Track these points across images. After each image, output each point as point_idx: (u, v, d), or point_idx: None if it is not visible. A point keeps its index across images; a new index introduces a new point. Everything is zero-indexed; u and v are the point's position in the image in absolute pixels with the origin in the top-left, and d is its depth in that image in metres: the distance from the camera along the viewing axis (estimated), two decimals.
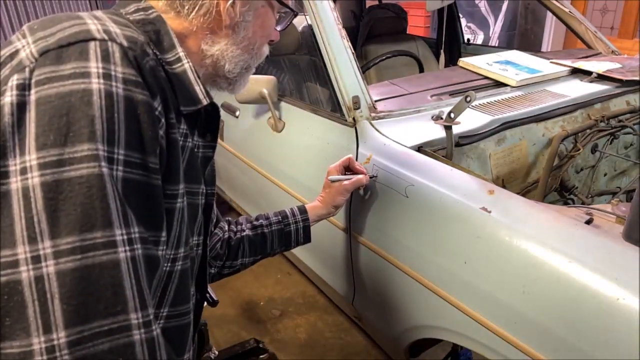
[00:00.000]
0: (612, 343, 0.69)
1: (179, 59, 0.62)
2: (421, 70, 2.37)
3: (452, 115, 1.11)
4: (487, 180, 1.00)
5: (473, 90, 1.29)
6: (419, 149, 1.15)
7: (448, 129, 1.12)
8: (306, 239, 1.13)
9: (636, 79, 1.57)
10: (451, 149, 1.13)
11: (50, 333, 0.44)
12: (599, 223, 0.91)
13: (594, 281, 0.72)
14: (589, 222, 0.90)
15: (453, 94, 1.43)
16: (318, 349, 1.74)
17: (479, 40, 4.69)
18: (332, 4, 1.36)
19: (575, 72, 1.69)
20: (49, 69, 0.49)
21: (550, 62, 1.74)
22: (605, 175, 1.51)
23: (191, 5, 0.64)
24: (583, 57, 1.86)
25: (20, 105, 0.47)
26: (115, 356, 0.46)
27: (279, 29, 0.77)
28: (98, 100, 0.48)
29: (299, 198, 1.46)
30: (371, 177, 1.13)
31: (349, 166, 1.14)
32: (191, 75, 0.62)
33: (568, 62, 1.73)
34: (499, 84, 1.54)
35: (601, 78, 1.62)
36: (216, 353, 1.07)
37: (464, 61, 1.69)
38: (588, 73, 1.66)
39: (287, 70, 1.79)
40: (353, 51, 1.32)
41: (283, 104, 1.59)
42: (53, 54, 0.49)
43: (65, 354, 0.44)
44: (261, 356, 1.58)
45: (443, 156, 1.12)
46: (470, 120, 1.23)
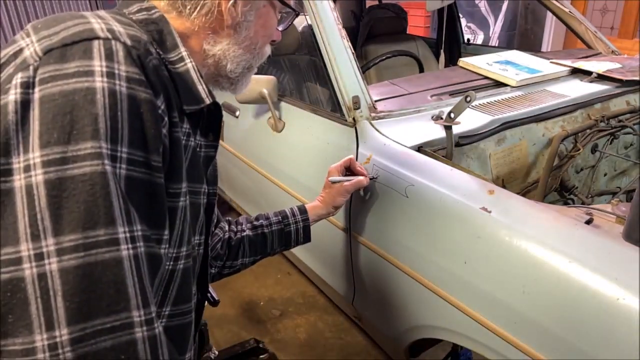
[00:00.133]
0: (612, 343, 0.69)
1: (182, 59, 0.62)
2: (421, 70, 2.37)
3: (452, 115, 1.11)
4: (487, 180, 1.00)
5: (473, 90, 1.29)
6: (419, 149, 1.15)
7: (448, 129, 1.12)
8: (306, 238, 1.13)
9: (636, 79, 1.57)
10: (451, 149, 1.13)
11: (53, 330, 0.44)
12: (599, 223, 0.91)
13: (594, 281, 0.72)
14: (589, 222, 0.90)
15: (453, 94, 1.43)
16: (318, 349, 1.74)
17: (479, 40, 4.69)
18: (332, 4, 1.36)
19: (575, 72, 1.69)
20: (53, 67, 0.49)
21: (550, 62, 1.74)
22: (605, 175, 1.51)
23: (193, 5, 0.64)
24: (583, 57, 1.86)
25: (24, 104, 0.47)
26: (118, 353, 0.46)
27: (280, 28, 0.77)
28: (101, 98, 0.48)
29: (299, 198, 1.46)
30: (372, 179, 1.13)
31: (349, 167, 1.14)
32: (194, 74, 0.62)
33: (568, 62, 1.73)
34: (499, 84, 1.54)
35: (601, 78, 1.62)
36: (216, 353, 1.06)
37: (464, 61, 1.69)
38: (588, 73, 1.66)
39: (287, 70, 1.79)
40: (353, 51, 1.32)
41: (283, 104, 1.59)
42: (57, 53, 0.50)
43: (68, 351, 0.44)
44: (261, 356, 1.58)
45: (443, 156, 1.12)
46: (470, 120, 1.23)
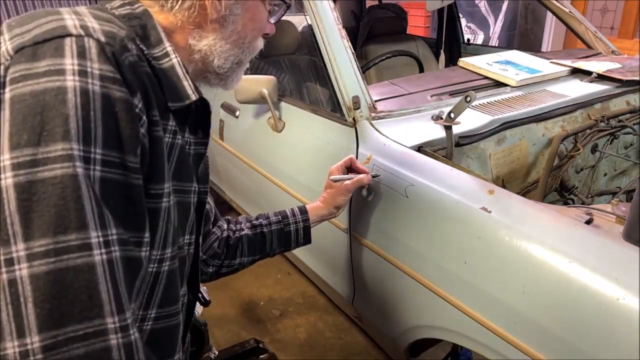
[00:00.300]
0: (612, 343, 0.69)
1: (167, 54, 0.59)
2: (421, 70, 2.37)
3: (452, 115, 1.11)
4: (487, 180, 1.00)
5: (473, 90, 1.29)
6: (419, 149, 1.15)
7: (448, 129, 1.12)
8: (306, 239, 1.11)
9: (636, 79, 1.57)
10: (451, 149, 1.13)
11: (24, 337, 0.43)
12: (599, 223, 0.91)
13: (594, 281, 0.72)
14: (589, 222, 0.90)
15: (453, 94, 1.43)
16: (318, 349, 1.74)
17: (479, 40, 4.69)
18: (332, 4, 1.36)
19: (575, 72, 1.69)
20: (23, 66, 0.47)
21: (550, 62, 1.74)
22: (605, 175, 1.51)
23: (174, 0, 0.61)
24: (583, 57, 1.86)
25: None
26: None
27: (272, 21, 0.74)
28: (73, 98, 0.47)
29: (299, 198, 1.46)
30: (373, 177, 1.12)
31: (350, 166, 1.13)
32: (179, 70, 0.60)
33: (568, 62, 1.73)
34: (499, 84, 1.54)
35: (601, 78, 1.62)
36: (216, 353, 1.07)
37: (464, 61, 1.69)
38: (588, 73, 1.66)
39: (287, 70, 1.79)
40: (353, 51, 1.32)
41: (283, 104, 1.59)
42: (28, 51, 0.48)
43: (40, 359, 0.43)
44: (261, 356, 1.58)
45: (443, 156, 1.12)
46: (470, 120, 1.23)
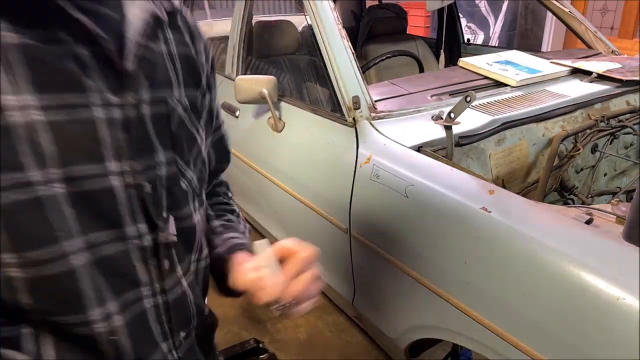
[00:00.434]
0: (612, 343, 0.69)
1: None
2: (421, 70, 2.37)
3: (452, 115, 1.11)
4: (487, 180, 1.00)
5: (473, 90, 1.29)
6: (419, 149, 1.15)
7: (448, 129, 1.12)
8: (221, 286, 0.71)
9: (636, 79, 1.57)
10: (451, 149, 1.13)
11: None
12: (599, 223, 0.91)
13: (594, 281, 0.72)
14: (589, 222, 0.90)
15: (453, 94, 1.43)
16: (318, 349, 1.74)
17: (479, 40, 4.69)
18: (332, 4, 1.36)
19: (575, 72, 1.69)
20: None
21: (550, 62, 1.74)
22: (605, 175, 1.51)
23: None
24: (583, 57, 1.86)
25: None
26: None
27: None
28: None
29: (299, 198, 1.46)
30: (275, 307, 0.57)
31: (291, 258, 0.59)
32: None
33: (568, 62, 1.73)
34: (499, 84, 1.54)
35: (601, 78, 1.62)
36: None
37: (464, 61, 1.69)
38: (588, 73, 1.66)
39: (287, 70, 1.79)
40: (353, 51, 1.32)
41: (283, 104, 1.59)
42: None
43: None
44: (261, 356, 1.58)
45: (443, 156, 1.12)
46: (470, 120, 1.23)
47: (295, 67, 1.77)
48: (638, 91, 1.58)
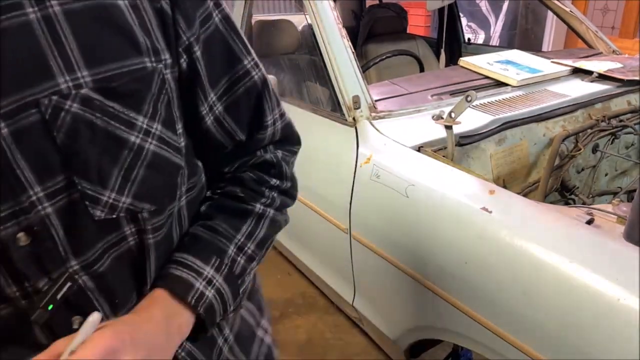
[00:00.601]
0: (612, 343, 0.69)
1: None
2: (421, 69, 2.36)
3: (453, 115, 1.11)
4: (488, 180, 1.00)
5: (474, 89, 1.28)
6: (420, 148, 1.15)
7: (448, 128, 1.12)
8: None
9: (637, 78, 1.57)
10: (452, 148, 1.12)
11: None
12: (600, 223, 0.91)
13: (595, 281, 0.72)
14: (589, 222, 0.89)
15: (453, 94, 1.43)
16: (318, 350, 1.74)
17: (480, 40, 4.68)
18: (332, 4, 1.36)
19: (576, 72, 1.69)
20: None
21: (551, 62, 1.74)
22: (606, 175, 1.51)
23: None
24: (584, 57, 1.86)
25: None
26: None
27: None
28: None
29: (299, 198, 1.45)
30: None
31: None
32: None
33: (569, 62, 1.73)
34: (499, 84, 1.53)
35: (602, 78, 1.61)
36: None
37: (465, 61, 1.69)
38: (589, 73, 1.66)
39: (287, 70, 1.79)
40: (353, 51, 1.31)
41: (283, 104, 1.59)
42: None
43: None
44: None
45: (443, 156, 1.12)
46: (470, 120, 1.23)
47: (295, 67, 1.77)
48: (639, 91, 1.58)
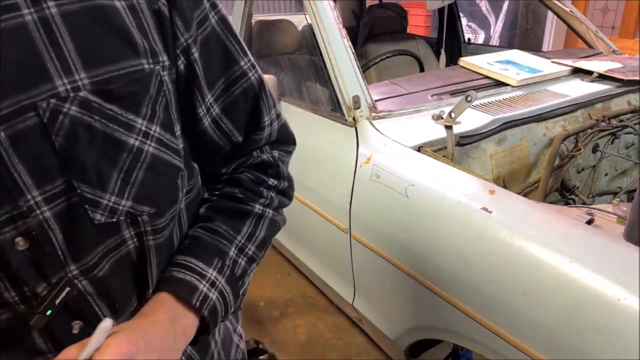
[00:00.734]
0: (612, 343, 0.69)
1: None
2: (422, 69, 2.36)
3: (453, 114, 1.11)
4: (488, 180, 1.00)
5: (474, 89, 1.28)
6: (420, 148, 1.15)
7: (448, 128, 1.12)
8: None
9: (637, 78, 1.57)
10: (452, 148, 1.12)
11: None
12: (600, 223, 0.91)
13: (595, 281, 0.72)
14: (589, 222, 0.89)
15: (454, 94, 1.43)
16: (318, 350, 1.74)
17: (480, 40, 4.68)
18: (332, 4, 1.36)
19: (576, 72, 1.69)
20: None
21: (551, 62, 1.74)
22: (606, 175, 1.51)
23: None
24: (584, 57, 1.86)
25: None
26: None
27: None
28: None
29: (298, 198, 1.46)
30: None
31: None
32: None
33: (569, 62, 1.73)
34: (499, 84, 1.53)
35: (602, 78, 1.61)
36: None
37: (465, 61, 1.69)
38: (589, 73, 1.65)
39: (287, 70, 1.79)
40: (353, 51, 1.31)
41: (283, 104, 1.59)
42: None
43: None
44: (261, 357, 1.57)
45: (443, 156, 1.12)
46: (470, 120, 1.23)
47: (295, 67, 1.77)
48: (639, 91, 1.58)
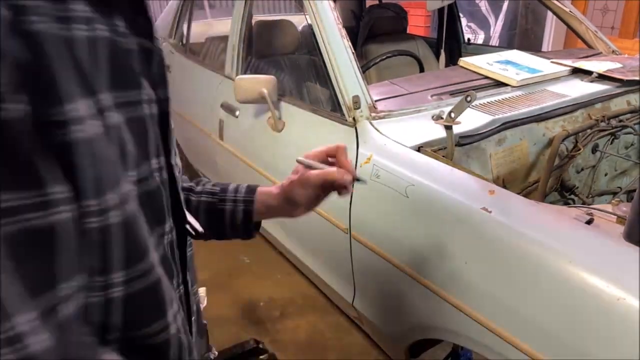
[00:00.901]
0: (612, 343, 0.69)
1: None
2: (421, 70, 2.36)
3: (453, 115, 1.11)
4: (488, 180, 1.00)
5: (473, 90, 1.29)
6: (419, 149, 1.15)
7: (448, 128, 1.12)
8: (245, 230, 0.79)
9: (637, 78, 1.57)
10: (451, 149, 1.13)
11: None
12: (600, 223, 0.91)
13: (594, 281, 0.72)
14: (589, 222, 0.89)
15: (453, 94, 1.43)
16: (318, 350, 1.74)
17: (480, 40, 4.69)
18: (332, 4, 1.36)
19: (576, 72, 1.69)
20: None
21: (551, 62, 1.74)
22: (605, 175, 1.51)
23: None
24: (584, 57, 1.86)
25: None
26: None
27: None
28: None
29: None
30: (356, 180, 0.77)
31: (335, 156, 0.76)
32: None
33: (569, 62, 1.73)
34: (499, 84, 1.53)
35: (602, 78, 1.61)
36: (216, 353, 1.06)
37: (465, 61, 1.69)
38: (589, 73, 1.66)
39: (287, 70, 1.79)
40: (353, 51, 1.31)
41: (283, 104, 1.59)
42: None
43: None
44: (261, 357, 1.57)
45: (443, 156, 1.12)
46: (470, 120, 1.23)
47: (295, 67, 1.77)
48: (638, 91, 1.58)
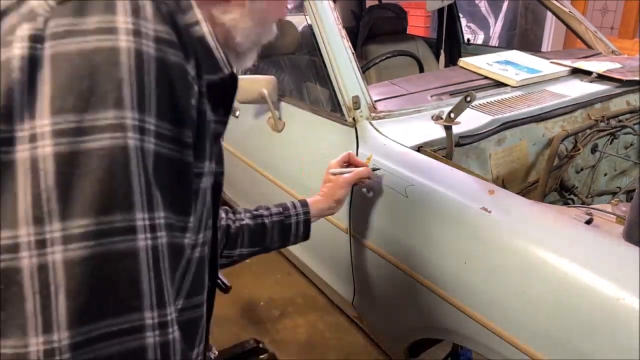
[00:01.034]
0: (612, 343, 0.69)
1: (198, 22, 0.50)
2: (421, 70, 2.36)
3: (452, 115, 1.11)
4: (487, 180, 1.00)
5: (473, 90, 1.29)
6: (419, 149, 1.15)
7: (448, 129, 1.12)
8: (305, 234, 1.07)
9: (636, 79, 1.57)
10: (451, 149, 1.13)
11: (51, 333, 0.37)
12: (599, 223, 0.91)
13: (594, 281, 0.72)
14: (589, 222, 0.90)
15: (453, 94, 1.43)
16: (318, 349, 1.74)
17: (479, 40, 4.69)
18: (332, 4, 1.36)
19: (576, 72, 1.69)
20: (68, 20, 0.41)
21: (551, 62, 1.74)
22: (605, 175, 1.51)
23: None
24: (583, 57, 1.86)
25: (33, 60, 0.39)
26: None
27: (289, 6, 0.73)
28: (127, 60, 0.40)
29: (299, 198, 1.46)
30: (373, 170, 1.13)
31: (349, 162, 1.13)
32: (210, 40, 0.51)
33: (568, 62, 1.73)
34: (499, 84, 1.54)
35: (601, 78, 1.62)
36: (216, 353, 1.06)
37: (464, 61, 1.69)
38: (588, 73, 1.66)
39: (287, 70, 1.79)
40: (353, 51, 1.32)
41: (283, 104, 1.59)
42: (75, 4, 0.41)
43: (66, 358, 0.37)
44: (261, 356, 1.57)
45: (443, 156, 1.12)
46: (470, 120, 1.23)
47: (295, 67, 1.77)
48: (638, 91, 1.58)
